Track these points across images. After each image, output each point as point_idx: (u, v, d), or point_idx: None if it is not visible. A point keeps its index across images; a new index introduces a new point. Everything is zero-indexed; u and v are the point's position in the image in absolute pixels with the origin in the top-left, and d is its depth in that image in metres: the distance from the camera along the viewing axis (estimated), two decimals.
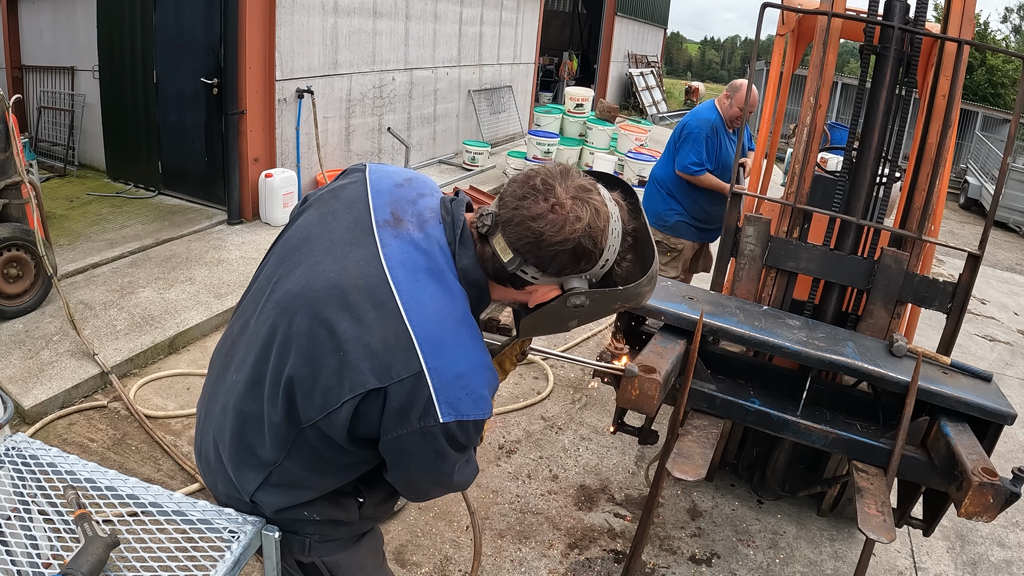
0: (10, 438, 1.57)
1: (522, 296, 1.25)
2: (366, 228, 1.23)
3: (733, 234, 2.92)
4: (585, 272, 1.18)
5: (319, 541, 1.41)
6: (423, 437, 1.16)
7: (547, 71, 16.15)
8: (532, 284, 1.20)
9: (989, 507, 1.85)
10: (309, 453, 1.25)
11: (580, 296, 1.19)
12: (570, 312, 1.23)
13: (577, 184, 1.15)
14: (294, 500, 1.33)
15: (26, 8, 7.20)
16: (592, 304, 1.22)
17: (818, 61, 2.83)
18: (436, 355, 1.14)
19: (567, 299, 1.20)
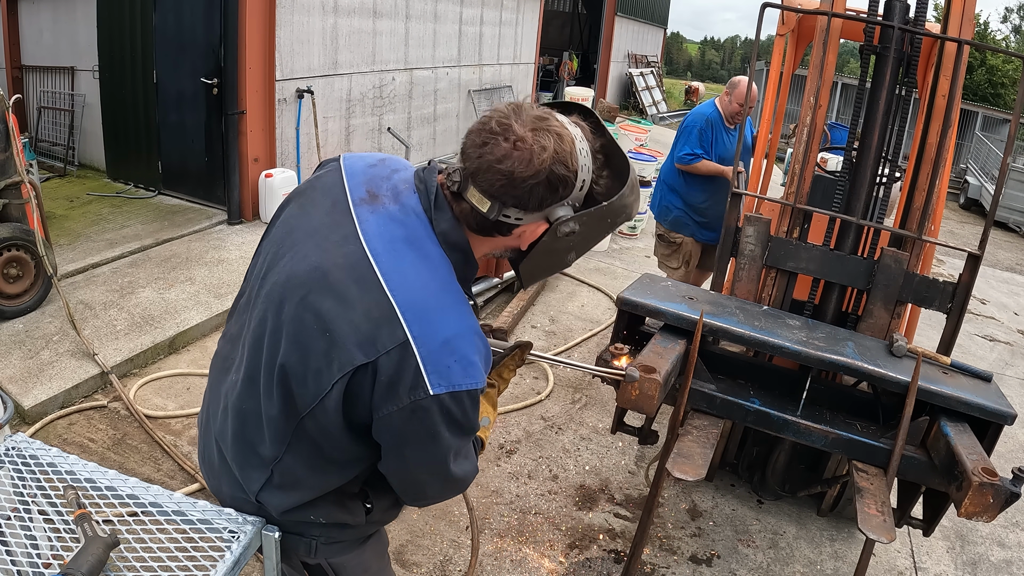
0: (10, 438, 1.57)
1: (512, 241, 1.25)
2: (344, 209, 1.23)
3: (733, 234, 2.92)
4: (566, 199, 1.17)
5: (325, 543, 1.40)
6: (414, 414, 1.13)
7: (547, 71, 16.15)
8: (518, 226, 1.19)
9: (989, 507, 1.85)
10: (309, 448, 1.24)
11: (569, 223, 1.18)
12: (564, 243, 1.22)
13: (532, 116, 1.14)
14: (298, 501, 1.31)
15: (26, 8, 7.20)
16: (584, 228, 1.20)
17: (818, 61, 2.84)
18: (420, 323, 1.12)
19: (557, 229, 1.19)
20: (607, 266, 6.53)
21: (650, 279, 2.79)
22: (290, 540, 1.39)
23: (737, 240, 2.89)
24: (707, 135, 4.36)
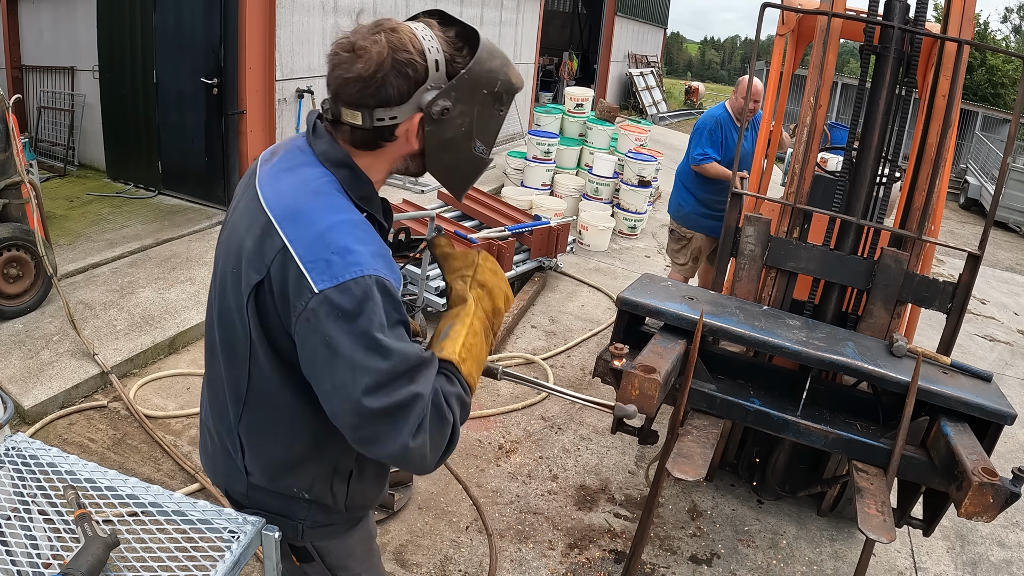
0: (10, 438, 1.58)
1: (403, 146, 1.27)
2: (252, 173, 1.34)
3: (733, 234, 2.92)
4: (425, 82, 1.20)
5: (311, 527, 1.42)
6: (308, 322, 1.12)
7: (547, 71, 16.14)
8: (396, 125, 1.22)
9: (989, 507, 1.85)
10: (262, 403, 1.29)
11: (437, 101, 1.20)
12: (454, 129, 1.24)
13: (368, 26, 1.20)
14: (272, 464, 1.35)
15: (26, 8, 7.20)
16: (463, 106, 1.22)
17: (818, 61, 2.84)
18: (294, 225, 1.17)
19: (430, 112, 1.21)
20: (607, 266, 6.53)
21: (650, 279, 2.79)
22: (278, 522, 1.41)
23: (737, 240, 2.89)
24: (717, 135, 4.51)
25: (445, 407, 1.20)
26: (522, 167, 7.96)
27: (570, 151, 8.11)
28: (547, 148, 7.76)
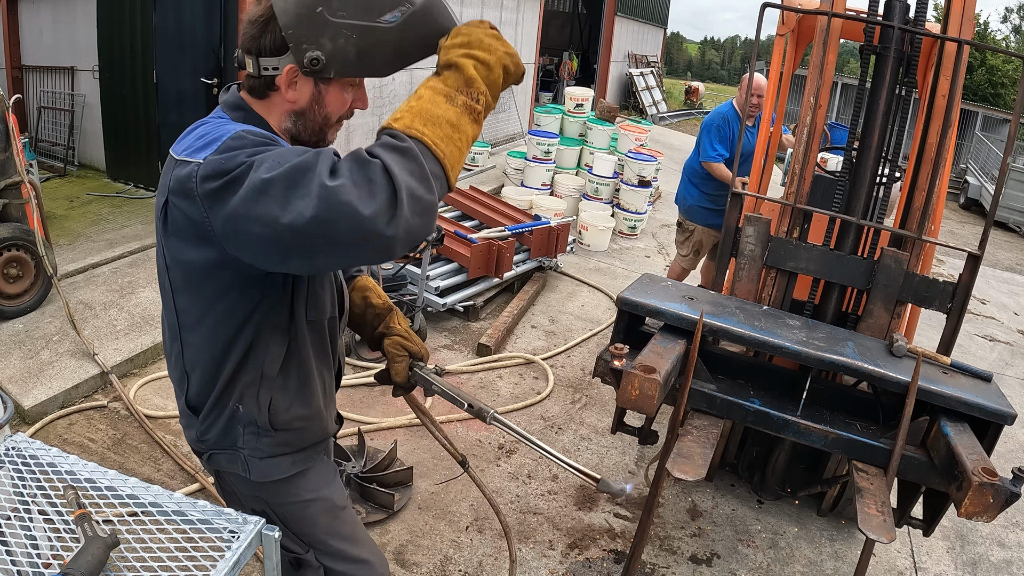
0: (10, 438, 1.58)
1: (290, 101, 1.27)
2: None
3: (733, 234, 2.92)
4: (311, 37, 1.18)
5: (251, 455, 1.45)
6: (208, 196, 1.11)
7: (547, 71, 16.14)
8: (277, 75, 1.24)
9: (989, 507, 1.85)
10: (192, 327, 1.36)
11: (316, 44, 1.18)
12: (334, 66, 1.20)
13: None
14: (208, 380, 1.39)
15: (26, 8, 7.20)
16: (345, 43, 1.18)
17: (818, 61, 2.84)
18: (180, 143, 1.25)
19: (301, 61, 1.20)
20: (607, 266, 6.53)
21: (650, 279, 2.79)
22: (224, 459, 1.46)
23: (737, 240, 2.89)
24: (725, 132, 4.59)
25: (363, 153, 1.07)
26: (522, 167, 7.96)
27: (570, 151, 8.11)
28: (547, 148, 7.76)
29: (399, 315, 1.73)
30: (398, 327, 1.70)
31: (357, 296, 1.73)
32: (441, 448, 3.50)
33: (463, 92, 1.16)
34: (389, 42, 1.20)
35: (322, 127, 1.33)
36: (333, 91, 1.29)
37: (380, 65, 1.23)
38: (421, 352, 1.68)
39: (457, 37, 1.18)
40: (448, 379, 4.14)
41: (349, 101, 1.33)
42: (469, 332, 4.84)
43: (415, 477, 3.23)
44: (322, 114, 1.31)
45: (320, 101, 1.29)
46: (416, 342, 1.69)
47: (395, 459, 3.23)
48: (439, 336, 4.71)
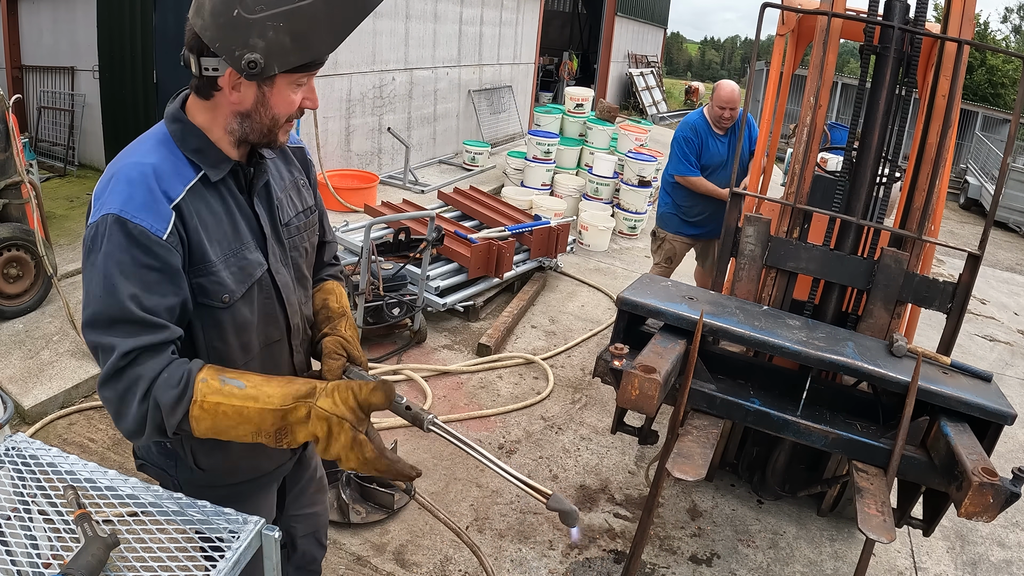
0: (10, 438, 1.57)
1: (235, 103, 1.25)
2: None
3: (733, 234, 2.92)
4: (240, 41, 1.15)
5: (184, 483, 1.48)
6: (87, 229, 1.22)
7: (547, 71, 16.14)
8: (218, 76, 1.21)
9: (989, 507, 1.85)
10: None
11: (247, 47, 1.15)
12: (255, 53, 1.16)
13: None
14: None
15: (26, 8, 7.20)
16: (275, 35, 1.15)
17: (818, 61, 2.83)
18: (107, 170, 1.25)
19: (242, 65, 1.16)
20: (607, 266, 6.53)
21: (650, 279, 2.79)
22: (155, 474, 1.50)
23: (737, 240, 2.89)
24: (694, 143, 4.39)
25: (141, 388, 1.18)
26: (522, 167, 7.96)
27: (570, 151, 8.11)
28: (547, 148, 7.76)
29: (350, 322, 1.64)
30: (344, 331, 1.60)
31: (319, 298, 1.67)
32: (442, 448, 3.52)
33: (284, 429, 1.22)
34: (319, 16, 1.17)
35: (270, 128, 1.30)
36: (279, 91, 1.25)
37: (319, 44, 1.20)
38: (361, 359, 1.55)
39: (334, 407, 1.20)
40: (449, 379, 4.16)
41: (297, 101, 1.29)
42: (469, 332, 4.84)
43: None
44: (269, 115, 1.28)
45: (265, 103, 1.26)
46: (359, 349, 1.57)
47: None
48: (439, 336, 4.71)
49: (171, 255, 1.21)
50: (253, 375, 1.26)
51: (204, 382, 1.20)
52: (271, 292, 1.44)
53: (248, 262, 1.36)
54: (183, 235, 1.24)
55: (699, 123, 4.43)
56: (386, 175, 7.93)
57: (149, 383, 1.18)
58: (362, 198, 6.66)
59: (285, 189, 1.50)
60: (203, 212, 1.29)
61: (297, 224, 1.52)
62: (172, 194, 1.23)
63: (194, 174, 1.28)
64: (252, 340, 1.41)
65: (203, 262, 1.28)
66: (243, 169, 1.37)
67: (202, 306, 1.31)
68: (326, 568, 2.70)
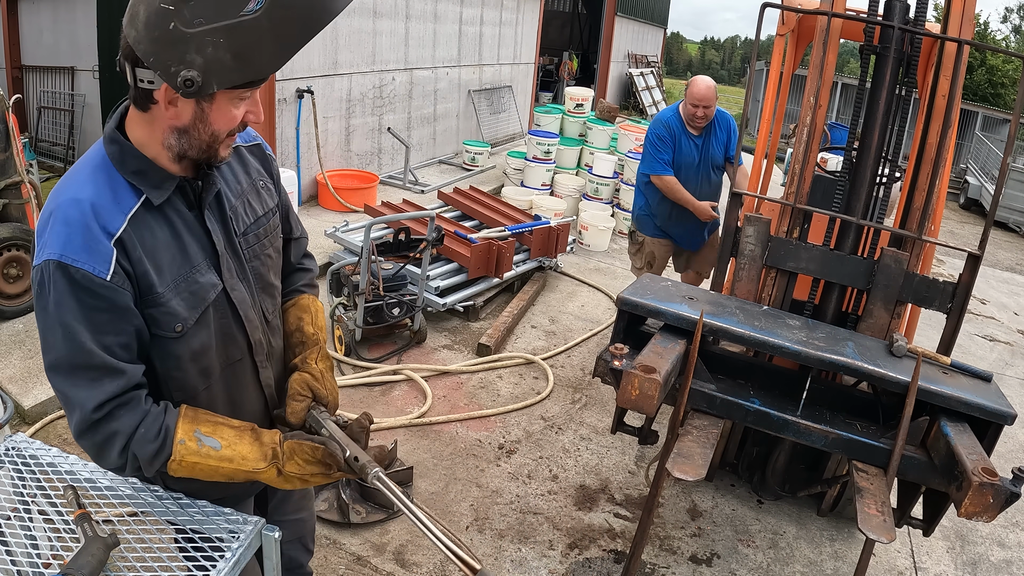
0: (10, 438, 1.58)
1: (171, 117, 1.18)
2: None
3: (733, 234, 2.92)
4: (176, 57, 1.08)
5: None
6: (33, 279, 1.20)
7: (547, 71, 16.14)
8: (154, 89, 1.14)
9: (989, 507, 1.85)
10: None
11: (184, 63, 1.08)
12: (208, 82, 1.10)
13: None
14: None
15: (26, 8, 7.20)
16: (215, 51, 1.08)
17: (818, 61, 2.83)
18: (47, 202, 1.23)
19: (177, 80, 1.08)
20: (607, 266, 6.53)
21: (650, 279, 2.79)
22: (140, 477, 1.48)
23: (737, 240, 2.89)
24: (667, 141, 4.10)
25: (119, 443, 1.23)
26: (522, 167, 7.96)
27: (570, 151, 8.11)
28: (547, 148, 7.76)
29: (323, 353, 1.59)
30: (314, 366, 1.54)
31: (293, 316, 1.62)
32: (442, 448, 3.52)
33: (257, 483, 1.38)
34: (262, 33, 1.08)
35: (210, 144, 1.23)
36: (219, 107, 1.18)
37: (261, 63, 1.12)
38: (328, 398, 1.51)
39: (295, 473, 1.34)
40: (448, 379, 4.16)
41: (240, 116, 1.22)
42: (469, 332, 4.84)
43: (415, 477, 3.23)
44: (208, 132, 1.21)
45: (204, 119, 1.19)
46: (327, 387, 1.53)
47: (395, 459, 3.23)
48: (439, 336, 4.71)
49: (116, 294, 1.18)
50: (227, 429, 1.32)
51: (182, 443, 1.25)
52: (227, 311, 1.38)
53: (200, 286, 1.31)
54: (128, 269, 1.20)
55: (673, 120, 4.14)
56: (386, 175, 7.93)
57: (127, 439, 1.23)
58: (362, 198, 6.66)
59: (241, 195, 1.42)
60: (147, 240, 1.23)
61: (256, 232, 1.45)
62: (112, 228, 1.19)
63: (135, 200, 1.23)
64: (212, 363, 1.37)
65: (151, 293, 1.24)
66: (190, 184, 1.30)
67: (156, 337, 1.27)
68: (326, 568, 2.70)
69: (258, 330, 1.46)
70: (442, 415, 3.77)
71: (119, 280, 1.18)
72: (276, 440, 1.35)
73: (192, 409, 1.32)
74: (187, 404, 1.35)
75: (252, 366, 1.48)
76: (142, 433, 1.23)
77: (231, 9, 1.06)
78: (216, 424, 1.32)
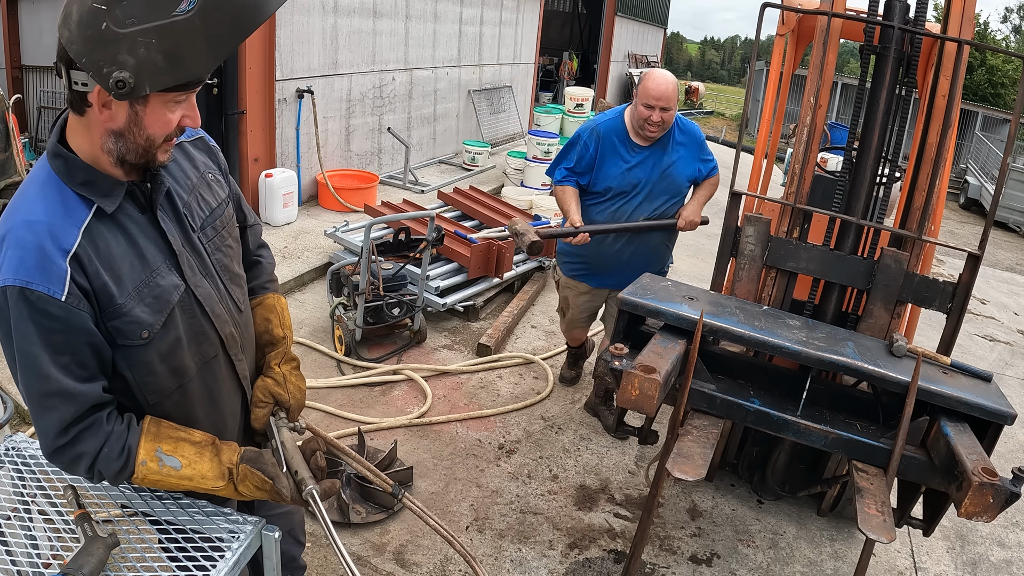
0: (10, 438, 1.58)
1: (107, 120, 1.16)
2: None
3: (733, 234, 2.92)
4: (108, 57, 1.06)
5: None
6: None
7: (547, 71, 16.15)
8: (88, 92, 1.12)
9: (989, 507, 1.85)
10: None
11: (116, 63, 1.06)
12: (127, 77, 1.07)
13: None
14: None
15: (26, 8, 7.20)
16: (147, 51, 1.06)
17: (818, 61, 2.83)
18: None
19: (110, 81, 1.07)
20: None
21: (650, 279, 2.79)
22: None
23: (737, 240, 2.89)
24: (589, 151, 3.15)
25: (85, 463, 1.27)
26: (522, 167, 7.97)
27: None
28: (547, 148, 7.76)
29: (287, 355, 1.63)
30: (277, 370, 1.59)
31: (261, 317, 1.64)
32: (442, 448, 3.52)
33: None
34: (194, 34, 1.07)
35: (146, 148, 1.22)
36: (153, 111, 1.17)
37: (194, 64, 1.11)
38: (289, 402, 1.56)
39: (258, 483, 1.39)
40: (448, 379, 4.16)
41: (175, 120, 1.21)
42: (469, 332, 4.84)
43: (415, 477, 3.23)
44: (143, 136, 1.19)
45: (139, 122, 1.17)
46: (289, 391, 1.57)
47: (395, 459, 3.23)
48: (439, 336, 4.71)
49: (71, 314, 1.19)
50: (188, 446, 1.35)
51: (143, 464, 1.30)
52: (194, 310, 1.38)
53: (162, 289, 1.31)
54: (85, 285, 1.20)
55: (610, 128, 3.16)
56: (386, 175, 7.93)
57: (92, 460, 1.27)
58: (362, 198, 6.66)
59: (193, 189, 1.42)
60: (103, 251, 1.23)
61: (213, 224, 1.46)
62: (67, 244, 1.18)
63: (87, 211, 1.22)
64: (185, 362, 1.39)
65: (111, 305, 1.24)
66: (139, 187, 1.29)
67: (123, 347, 1.28)
68: (326, 568, 2.70)
69: (228, 324, 1.47)
70: (442, 415, 3.77)
71: (74, 300, 1.19)
72: (234, 460, 1.39)
73: (155, 423, 1.34)
74: (164, 404, 1.38)
75: (227, 360, 1.50)
76: (106, 452, 1.27)
77: (163, 9, 1.05)
78: (178, 441, 1.34)
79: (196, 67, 1.12)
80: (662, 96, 2.99)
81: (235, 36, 1.12)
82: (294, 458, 1.42)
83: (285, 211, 6.12)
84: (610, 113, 3.25)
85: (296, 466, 1.41)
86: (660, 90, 2.99)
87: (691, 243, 7.70)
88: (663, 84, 3.01)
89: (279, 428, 1.51)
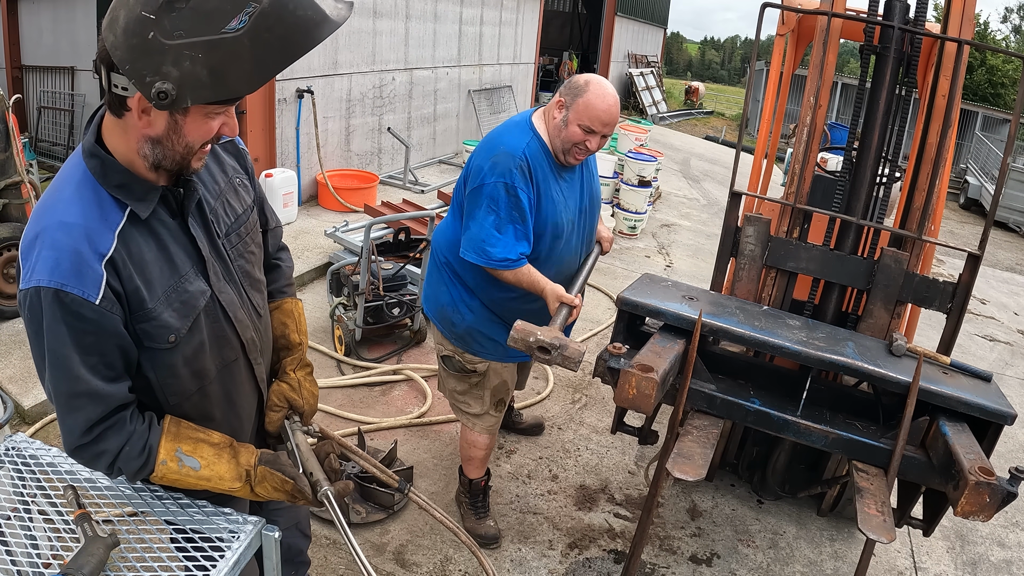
0: (10, 438, 1.58)
1: (144, 127, 1.16)
2: None
3: (733, 234, 2.92)
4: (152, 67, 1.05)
5: None
6: (21, 305, 1.20)
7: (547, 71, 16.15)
8: (128, 96, 1.12)
9: (986, 506, 1.85)
10: None
11: (159, 74, 1.05)
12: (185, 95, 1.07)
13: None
14: None
15: (26, 8, 7.20)
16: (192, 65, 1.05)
17: (818, 61, 2.84)
18: (30, 223, 1.22)
19: (151, 91, 1.06)
20: (607, 266, 6.53)
21: (650, 279, 2.79)
22: None
23: (737, 240, 2.89)
24: (525, 196, 2.25)
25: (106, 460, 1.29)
26: None
27: None
28: None
29: (302, 361, 1.65)
30: (292, 375, 1.61)
31: (278, 321, 1.66)
32: (442, 448, 3.52)
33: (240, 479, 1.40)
34: (242, 53, 1.07)
35: (184, 156, 1.22)
36: (193, 120, 1.17)
37: (237, 82, 1.09)
38: (303, 407, 1.59)
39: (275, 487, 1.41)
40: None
41: (215, 128, 1.21)
42: None
43: (415, 477, 3.23)
44: (182, 143, 1.19)
45: (178, 131, 1.17)
46: (303, 396, 1.60)
47: (395, 459, 3.23)
48: None
49: (104, 317, 1.19)
50: (207, 447, 1.36)
51: (163, 464, 1.31)
52: (218, 315, 1.40)
53: (190, 294, 1.32)
54: (118, 289, 1.21)
55: (534, 154, 2.28)
56: (386, 175, 7.93)
57: (113, 457, 1.29)
58: (362, 198, 6.66)
59: (220, 195, 1.43)
60: (136, 255, 1.23)
61: (238, 231, 1.46)
62: (103, 248, 1.19)
63: (121, 214, 1.22)
64: (207, 366, 1.40)
65: (142, 309, 1.25)
66: (171, 192, 1.30)
67: (149, 349, 1.29)
68: (326, 568, 2.70)
69: (249, 329, 1.49)
70: (442, 415, 3.77)
71: (107, 304, 1.19)
72: (251, 462, 1.41)
73: (175, 423, 1.35)
74: (184, 405, 1.39)
75: (247, 364, 1.51)
76: (127, 451, 1.29)
77: (213, 25, 1.04)
78: (197, 442, 1.36)
79: (239, 85, 1.10)
80: (611, 121, 2.26)
81: (282, 60, 1.11)
82: (309, 460, 1.46)
83: (285, 211, 6.12)
84: (516, 131, 2.35)
85: (311, 468, 1.44)
86: (611, 113, 2.25)
87: (691, 243, 7.70)
88: (613, 104, 2.27)
89: (294, 431, 1.54)
